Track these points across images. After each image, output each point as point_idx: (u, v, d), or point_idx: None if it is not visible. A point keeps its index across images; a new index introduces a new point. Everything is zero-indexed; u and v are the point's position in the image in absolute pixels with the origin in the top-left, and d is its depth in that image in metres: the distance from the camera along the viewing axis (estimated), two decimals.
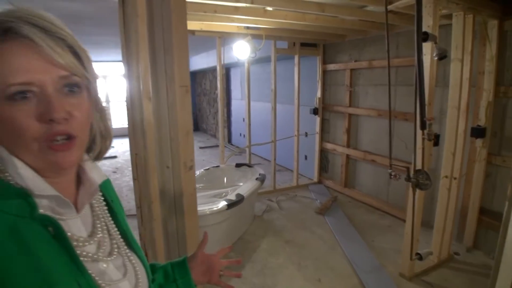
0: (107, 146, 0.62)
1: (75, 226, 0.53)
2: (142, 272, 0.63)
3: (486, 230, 2.96)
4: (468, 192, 3.02)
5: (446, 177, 2.70)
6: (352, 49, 4.30)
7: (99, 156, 0.61)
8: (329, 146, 4.89)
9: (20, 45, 0.45)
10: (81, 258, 0.49)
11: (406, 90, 3.58)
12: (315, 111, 4.88)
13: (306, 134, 4.94)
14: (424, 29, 2.21)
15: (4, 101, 0.44)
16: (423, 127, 2.06)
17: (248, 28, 3.72)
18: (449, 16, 2.53)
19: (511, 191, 1.05)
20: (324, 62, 4.77)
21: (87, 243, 0.53)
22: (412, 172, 2.24)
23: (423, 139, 2.11)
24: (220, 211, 2.74)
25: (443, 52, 2.06)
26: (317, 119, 4.96)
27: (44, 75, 0.46)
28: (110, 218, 0.62)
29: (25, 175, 0.47)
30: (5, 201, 0.45)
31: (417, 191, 2.25)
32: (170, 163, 1.67)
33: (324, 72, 4.81)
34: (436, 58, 2.10)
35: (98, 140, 0.59)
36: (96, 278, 0.51)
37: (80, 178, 0.57)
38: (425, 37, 1.96)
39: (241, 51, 3.77)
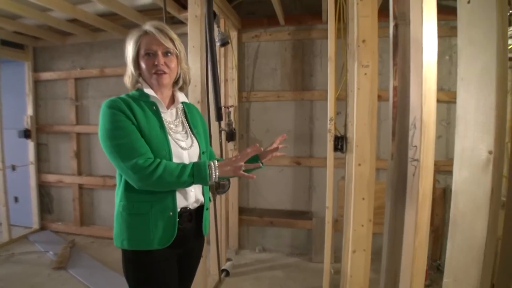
0: (187, 84, 1.31)
1: (166, 114, 1.23)
2: (196, 144, 1.26)
3: (247, 227, 3.14)
4: (227, 195, 3.09)
5: None
6: (76, 55, 3.51)
7: (182, 88, 1.31)
8: (51, 178, 3.74)
9: (150, 37, 1.16)
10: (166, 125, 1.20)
11: None
12: (26, 134, 3.58)
13: (14, 168, 3.52)
14: (190, 26, 2.03)
15: (142, 57, 1.17)
16: (219, 118, 1.82)
17: None
18: None
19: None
20: (36, 69, 3.63)
21: (170, 123, 1.23)
22: None
23: (222, 131, 1.87)
24: None
25: (226, 38, 1.94)
26: (30, 144, 3.68)
27: (157, 48, 1.15)
28: (185, 118, 1.31)
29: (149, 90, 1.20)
30: (141, 97, 1.19)
31: (218, 197, 1.97)
32: None
33: (37, 83, 3.67)
34: (219, 43, 1.94)
35: (181, 80, 1.27)
36: (171, 132, 1.20)
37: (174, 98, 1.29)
38: (214, 16, 1.76)
39: None
